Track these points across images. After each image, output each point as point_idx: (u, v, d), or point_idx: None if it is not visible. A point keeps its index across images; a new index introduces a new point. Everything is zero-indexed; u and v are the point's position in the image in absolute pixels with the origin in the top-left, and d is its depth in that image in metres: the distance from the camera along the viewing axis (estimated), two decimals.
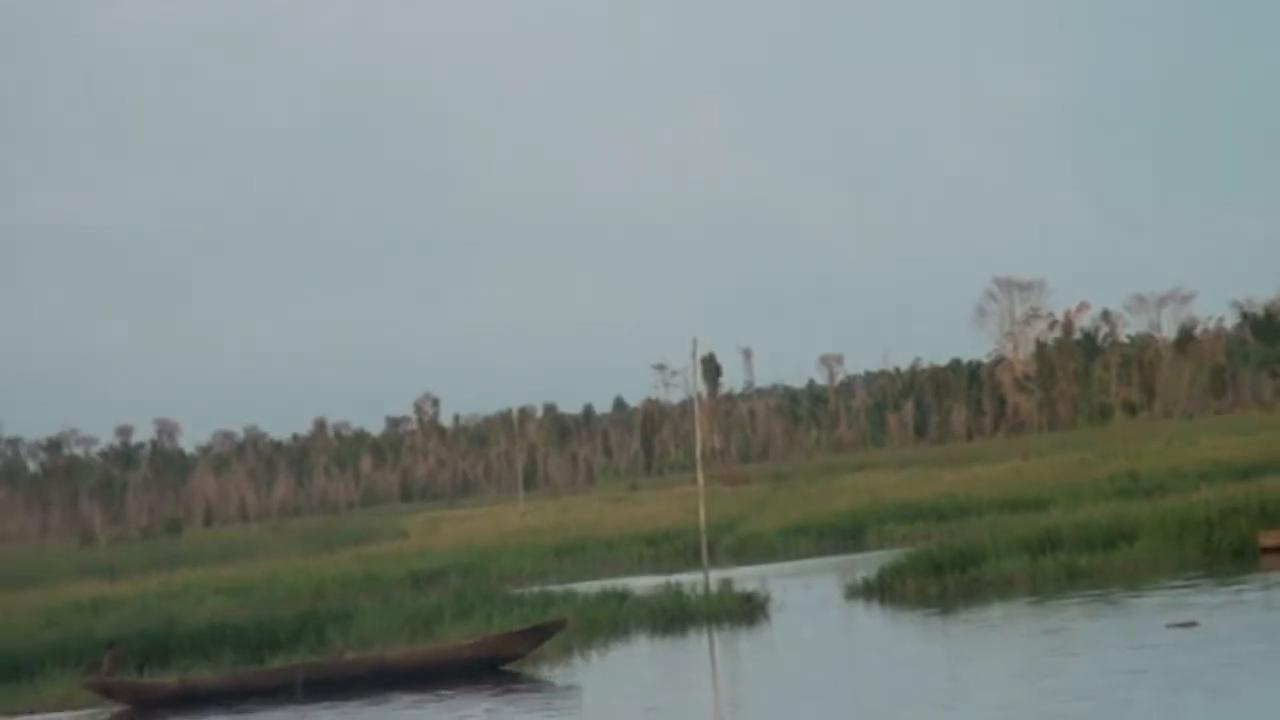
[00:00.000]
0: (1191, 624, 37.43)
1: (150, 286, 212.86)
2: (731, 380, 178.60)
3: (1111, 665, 34.71)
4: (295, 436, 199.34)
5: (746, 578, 55.28)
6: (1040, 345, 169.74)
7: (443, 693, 39.44)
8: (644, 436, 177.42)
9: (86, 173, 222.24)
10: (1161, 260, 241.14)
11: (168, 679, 43.88)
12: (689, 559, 57.76)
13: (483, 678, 41.19)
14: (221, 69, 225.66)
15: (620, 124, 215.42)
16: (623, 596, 52.57)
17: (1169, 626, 37.34)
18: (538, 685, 40.42)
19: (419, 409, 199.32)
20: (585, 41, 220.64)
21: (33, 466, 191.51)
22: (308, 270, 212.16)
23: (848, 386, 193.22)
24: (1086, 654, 36.97)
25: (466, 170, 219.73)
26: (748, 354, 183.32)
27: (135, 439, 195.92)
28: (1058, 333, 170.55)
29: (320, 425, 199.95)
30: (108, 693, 43.06)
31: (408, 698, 39.28)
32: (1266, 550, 50.45)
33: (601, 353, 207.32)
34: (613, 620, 48.79)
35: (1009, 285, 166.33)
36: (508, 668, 42.42)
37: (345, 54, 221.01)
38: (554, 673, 41.88)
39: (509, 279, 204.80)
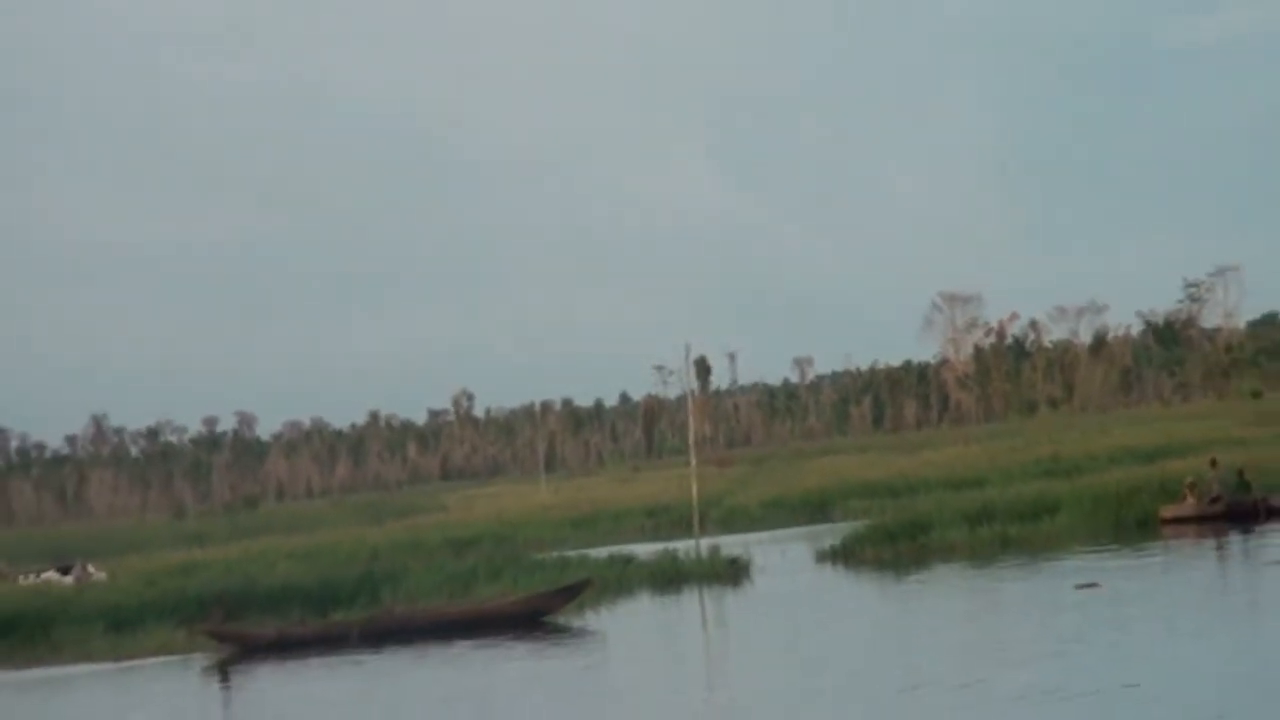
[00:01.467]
0: (1094, 585, 37.71)
1: (233, 301, 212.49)
2: (719, 379, 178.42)
3: (1026, 617, 35.17)
4: (353, 426, 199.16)
5: (732, 545, 55.25)
6: (978, 349, 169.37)
7: (495, 639, 39.83)
8: (645, 426, 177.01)
9: (185, 205, 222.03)
10: (1079, 277, 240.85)
11: (267, 628, 43.94)
12: (683, 529, 57.84)
13: (526, 627, 41.60)
14: (292, 123, 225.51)
15: (625, 164, 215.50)
16: (628, 561, 52.63)
17: (1076, 587, 37.64)
18: (571, 632, 40.78)
19: (456, 403, 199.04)
20: (599, 96, 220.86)
21: (135, 452, 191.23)
22: (364, 288, 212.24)
23: (816, 384, 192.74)
24: (1008, 608, 37.43)
25: (496, 205, 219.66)
26: (732, 357, 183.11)
27: (219, 428, 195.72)
28: (992, 339, 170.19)
29: (374, 416, 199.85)
30: (221, 638, 43.13)
31: (469, 642, 39.59)
32: (1166, 522, 50.67)
33: (609, 355, 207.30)
34: (619, 580, 48.92)
35: (951, 299, 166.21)
36: (546, 620, 42.70)
37: (389, 109, 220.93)
38: (578, 623, 42.17)
39: (533, 294, 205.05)
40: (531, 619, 42.61)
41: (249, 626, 43.97)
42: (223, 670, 40.07)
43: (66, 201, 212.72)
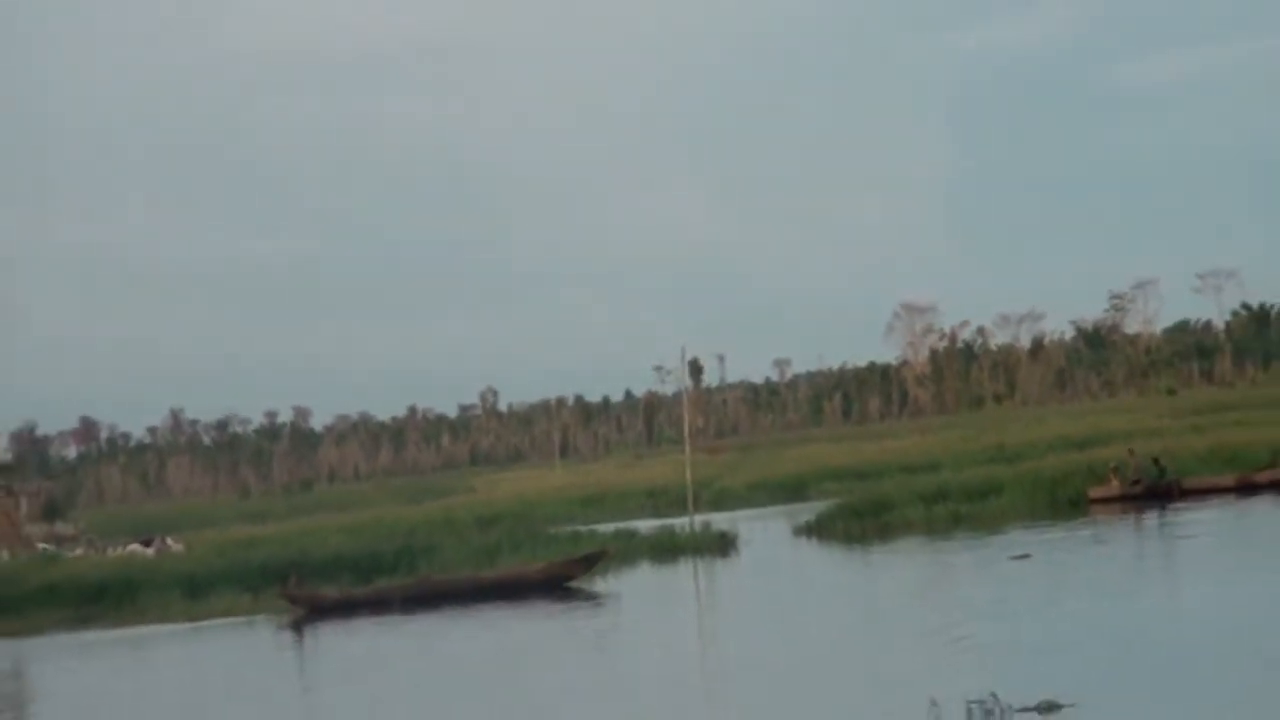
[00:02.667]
0: (1026, 556, 37.85)
1: (291, 309, 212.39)
2: (710, 377, 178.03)
3: (969, 582, 35.40)
4: (394, 418, 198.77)
5: (721, 521, 55.12)
6: (933, 352, 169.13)
7: (525, 602, 39.93)
8: (646, 419, 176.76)
9: (250, 227, 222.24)
10: (1020, 290, 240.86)
11: (332, 591, 43.91)
12: (679, 507, 57.82)
13: (551, 591, 41.65)
14: (342, 154, 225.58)
15: (628, 192, 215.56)
16: (632, 535, 52.61)
17: (1010, 558, 37.78)
18: (590, 596, 40.83)
19: (483, 399, 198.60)
20: (606, 135, 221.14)
21: (206, 441, 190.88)
22: (403, 298, 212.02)
23: (794, 383, 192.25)
24: (955, 574, 37.63)
25: (518, 226, 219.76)
26: (721, 358, 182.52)
27: (279, 420, 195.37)
28: (945, 343, 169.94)
29: (412, 410, 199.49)
30: (294, 600, 43.05)
31: (503, 604, 39.72)
32: (1093, 501, 50.67)
33: (615, 357, 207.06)
34: (624, 552, 48.92)
35: (910, 308, 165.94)
36: (568, 585, 42.69)
37: (425, 141, 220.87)
38: (596, 588, 42.22)
39: (549, 304, 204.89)
40: (556, 584, 42.59)
41: (317, 590, 43.89)
42: (296, 627, 40.22)
43: (148, 226, 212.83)
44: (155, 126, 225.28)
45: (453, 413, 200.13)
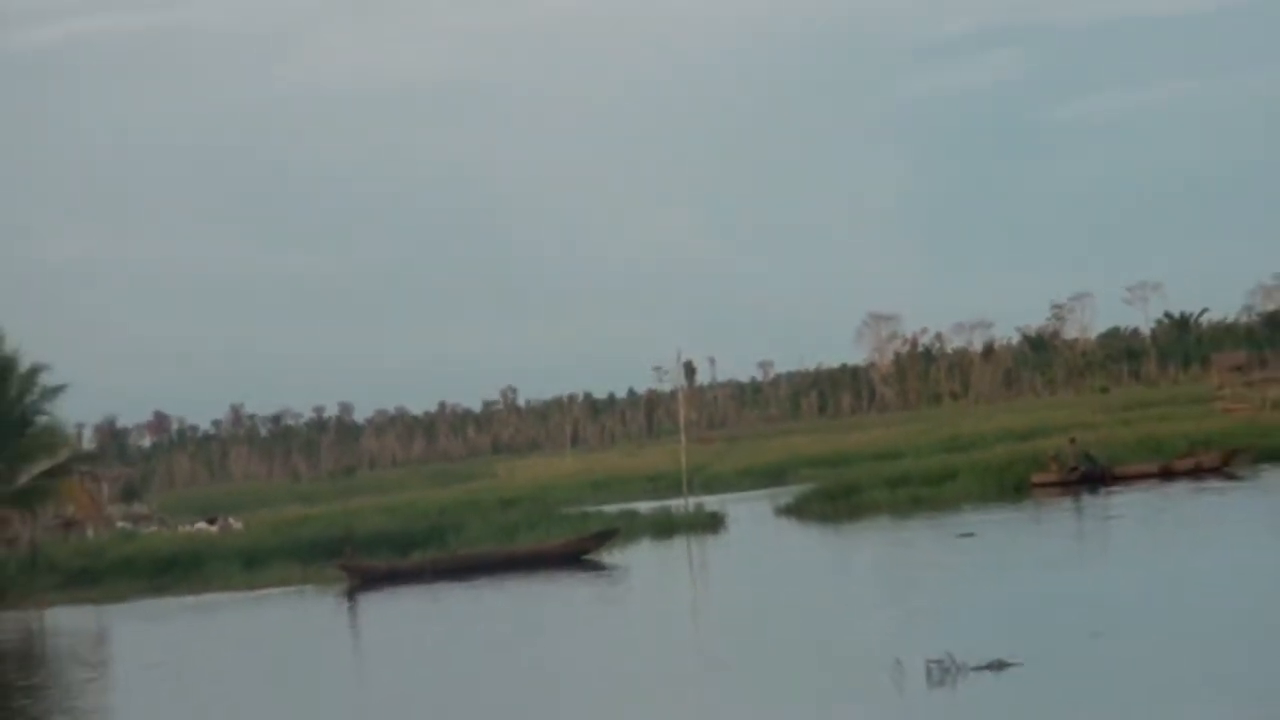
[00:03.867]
0: (971, 534, 37.82)
1: (335, 316, 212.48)
2: (702, 376, 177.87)
3: (921, 556, 35.46)
4: (426, 412, 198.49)
5: (712, 503, 55.12)
6: (896, 355, 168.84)
7: (545, 573, 39.84)
8: (646, 413, 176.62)
9: (300, 242, 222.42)
10: (972, 300, 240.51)
11: (380, 563, 43.54)
12: (675, 491, 57.82)
13: (568, 564, 41.51)
14: (382, 185, 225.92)
15: (628, 213, 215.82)
16: (634, 514, 52.31)
17: (958, 536, 37.79)
18: (602, 567, 40.80)
19: (504, 395, 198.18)
20: (609, 164, 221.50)
21: (263, 432, 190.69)
22: (434, 306, 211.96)
23: (775, 381, 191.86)
24: (909, 548, 37.67)
25: (537, 243, 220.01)
26: (712, 360, 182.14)
27: (326, 414, 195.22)
28: (907, 347, 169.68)
29: (442, 405, 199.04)
30: (348, 570, 42.59)
31: (526, 575, 39.62)
32: (1036, 486, 50.39)
33: (619, 359, 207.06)
34: (628, 530, 48.76)
35: (877, 317, 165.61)
36: (583, 558, 42.52)
37: (456, 172, 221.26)
38: (606, 561, 42.12)
39: (560, 314, 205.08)
40: (573, 557, 42.38)
41: (367, 562, 43.50)
42: (350, 594, 40.07)
43: (211, 244, 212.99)
44: (219, 157, 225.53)
45: (477, 407, 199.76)
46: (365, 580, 41.81)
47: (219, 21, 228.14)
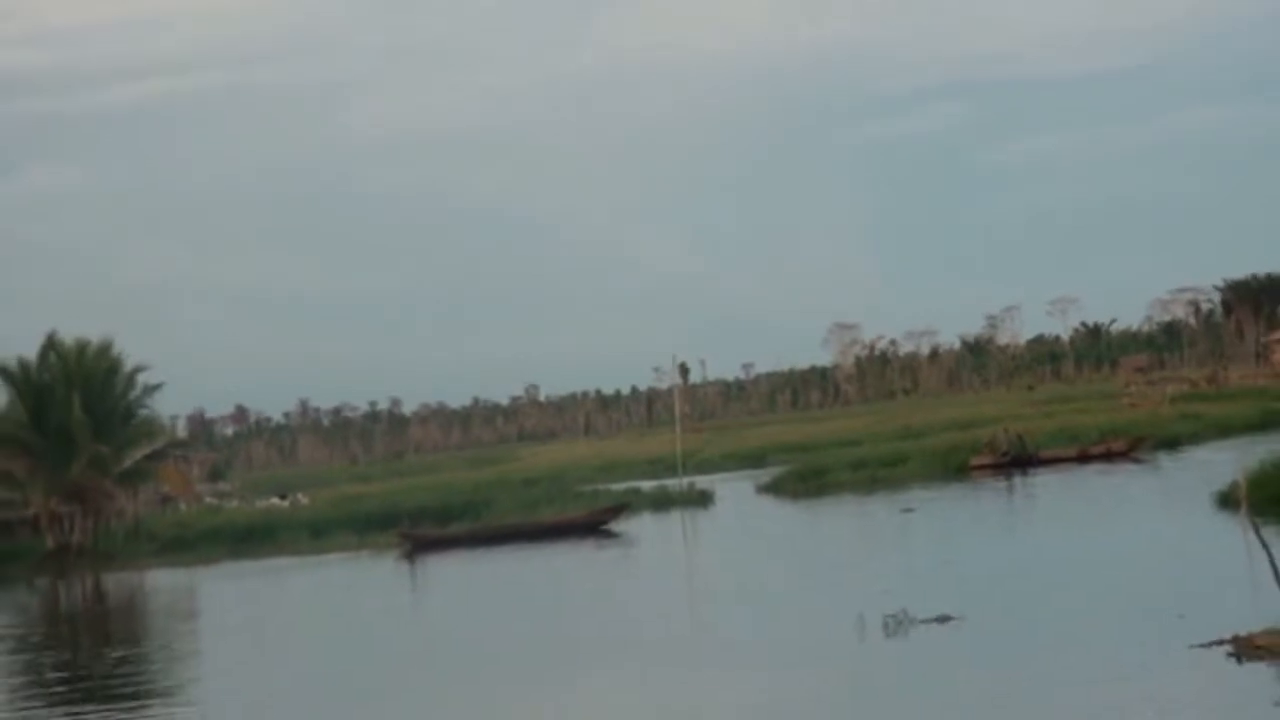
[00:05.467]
0: (911, 510, 37.82)
1: (386, 323, 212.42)
2: (694, 375, 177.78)
3: (877, 527, 35.51)
4: (462, 406, 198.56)
5: (702, 482, 55.19)
6: (857, 358, 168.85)
7: (569, 540, 39.79)
8: (647, 406, 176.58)
9: (357, 265, 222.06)
10: (921, 311, 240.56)
11: (433, 531, 43.22)
12: (671, 472, 57.86)
13: (587, 533, 41.35)
14: (417, 215, 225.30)
15: (629, 232, 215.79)
16: (637, 491, 52.32)
17: (901, 511, 37.78)
18: (617, 536, 40.68)
19: (527, 391, 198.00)
20: (613, 192, 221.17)
21: (325, 423, 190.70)
22: (467, 315, 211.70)
23: (756, 380, 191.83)
24: (867, 520, 37.70)
25: (553, 261, 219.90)
26: (703, 362, 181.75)
27: (379, 407, 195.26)
28: (867, 351, 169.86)
29: (475, 400, 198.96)
30: (408, 537, 42.07)
31: (551, 543, 39.49)
32: (974, 468, 50.10)
33: (623, 360, 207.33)
34: (633, 504, 48.69)
35: (840, 326, 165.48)
36: (601, 528, 42.36)
37: (487, 201, 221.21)
38: (618, 530, 41.98)
39: (575, 322, 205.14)
40: (591, 527, 42.18)
41: (423, 530, 43.16)
42: (410, 557, 39.76)
43: (280, 264, 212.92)
44: (290, 193, 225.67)
45: (505, 402, 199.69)
46: (420, 545, 41.56)
47: (291, 79, 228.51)
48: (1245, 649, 15.10)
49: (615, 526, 42.62)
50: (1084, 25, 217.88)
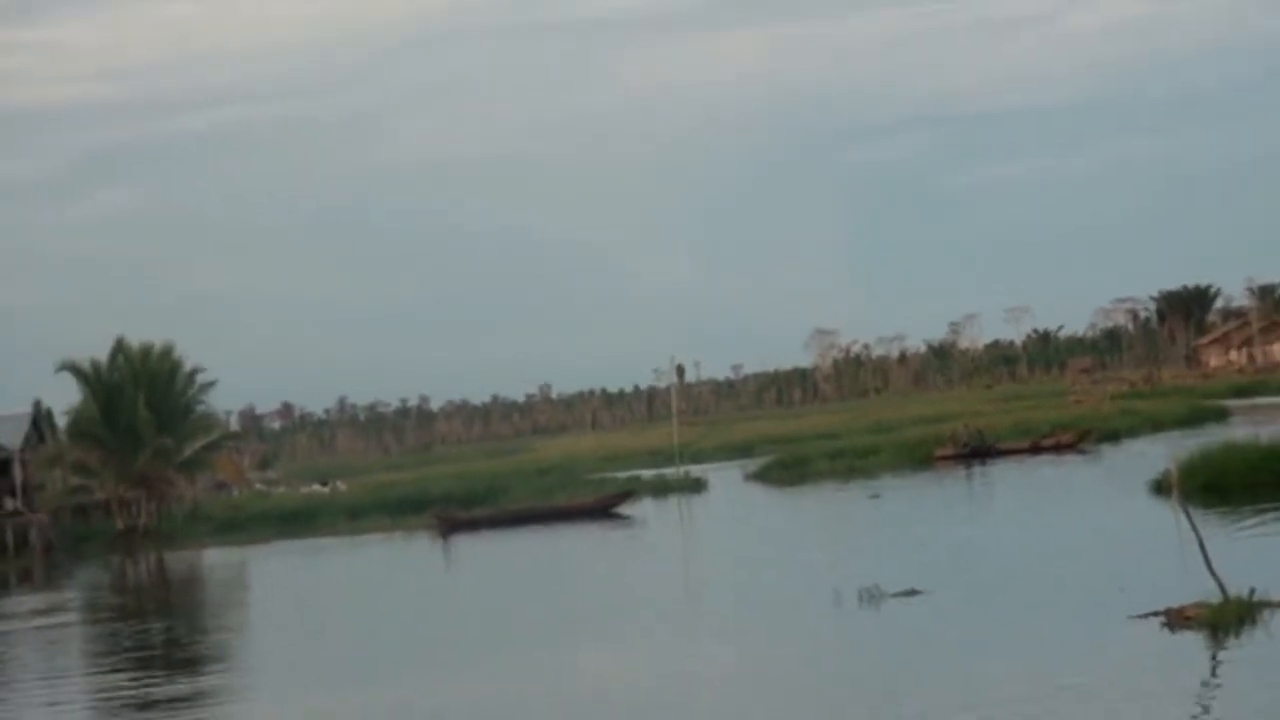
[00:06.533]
0: (878, 496, 37.82)
1: (416, 330, 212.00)
2: (690, 376, 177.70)
3: (842, 510, 35.56)
4: (483, 403, 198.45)
5: (696, 471, 55.19)
6: (835, 361, 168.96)
7: (581, 522, 39.78)
8: (648, 403, 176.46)
9: (385, 278, 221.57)
10: (892, 318, 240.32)
11: (463, 513, 42.90)
12: (669, 462, 57.87)
13: (598, 516, 41.23)
14: (455, 223, 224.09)
15: (629, 250, 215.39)
16: (638, 479, 52.00)
17: (869, 497, 37.81)
18: (625, 518, 40.64)
19: (540, 390, 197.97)
20: (614, 213, 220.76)
21: (361, 418, 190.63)
22: (491, 320, 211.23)
23: (745, 380, 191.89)
24: (836, 505, 37.69)
25: (565, 275, 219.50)
26: (697, 363, 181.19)
27: (409, 404, 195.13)
28: (843, 354, 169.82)
29: (495, 398, 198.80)
30: (441, 519, 41.71)
31: (567, 524, 39.46)
32: (938, 458, 49.62)
33: (627, 361, 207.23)
34: (636, 492, 48.42)
35: (820, 332, 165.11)
36: (611, 511, 42.28)
37: (508, 221, 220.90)
38: (625, 513, 41.98)
39: (583, 327, 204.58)
40: (604, 511, 42.00)
41: (454, 513, 42.89)
42: (444, 536, 39.63)
43: (320, 279, 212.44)
44: (329, 212, 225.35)
45: (521, 399, 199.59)
46: (452, 526, 41.40)
47: (326, 112, 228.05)
48: (1176, 619, 15.24)
49: (623, 510, 42.56)
50: (1034, 65, 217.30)
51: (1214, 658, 14.03)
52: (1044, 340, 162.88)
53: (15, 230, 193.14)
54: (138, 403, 52.92)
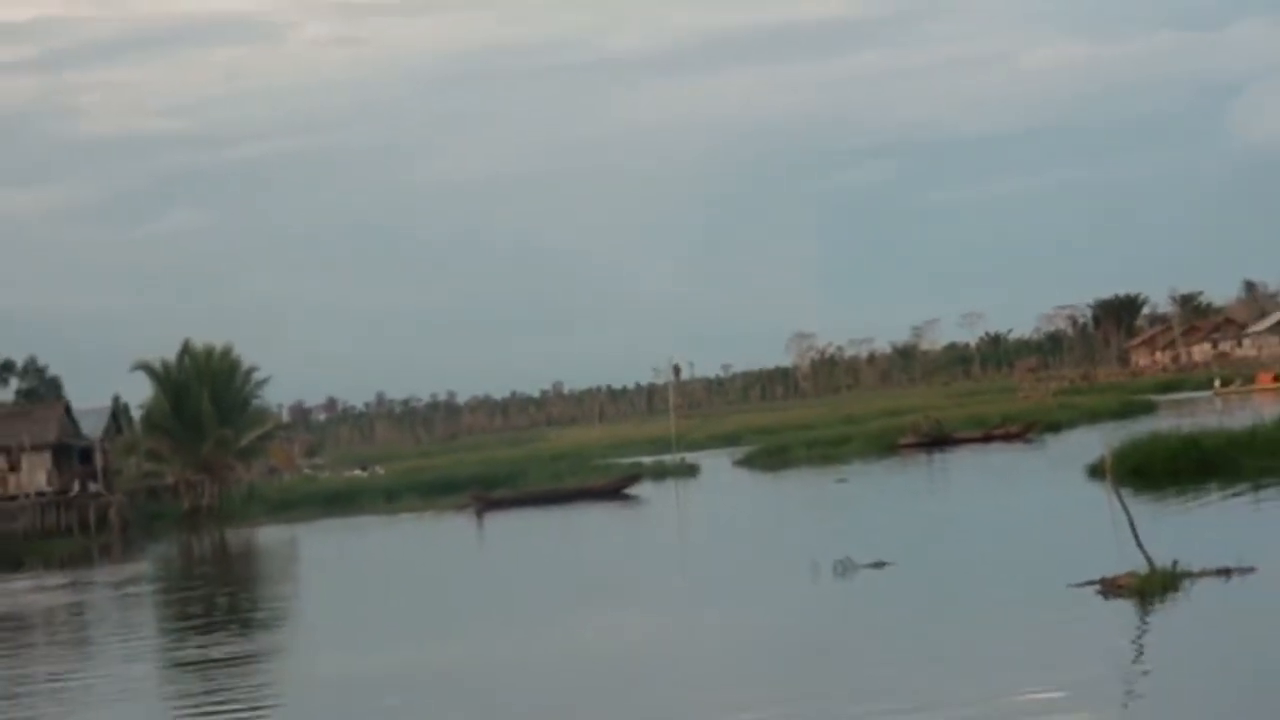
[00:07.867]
0: (844, 480, 37.75)
1: (445, 332, 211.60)
2: (685, 374, 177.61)
3: (814, 491, 35.53)
4: (503, 397, 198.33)
5: (691, 458, 55.08)
6: (812, 361, 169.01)
7: (594, 502, 39.69)
8: (648, 398, 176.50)
9: (425, 276, 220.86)
10: (862, 322, 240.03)
11: (494, 494, 42.44)
12: (666, 449, 57.86)
13: (609, 496, 41.15)
14: (479, 237, 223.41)
15: (629, 259, 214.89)
16: (640, 464, 51.75)
17: (835, 481, 37.77)
18: (633, 499, 40.59)
19: (554, 386, 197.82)
20: (617, 222, 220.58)
21: (397, 411, 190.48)
22: (511, 323, 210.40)
23: (733, 378, 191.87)
24: (821, 489, 37.62)
25: (571, 281, 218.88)
26: (691, 363, 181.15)
27: (438, 398, 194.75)
28: (819, 355, 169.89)
29: (513, 393, 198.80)
30: (476, 499, 41.17)
31: (581, 503, 39.41)
32: (902, 447, 49.29)
33: (629, 362, 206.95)
34: (638, 474, 48.32)
35: (799, 335, 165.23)
36: (621, 492, 42.17)
37: (522, 236, 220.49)
38: (633, 494, 41.94)
39: (592, 330, 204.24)
40: (615, 492, 41.85)
41: (488, 494, 42.45)
42: (479, 515, 39.45)
43: (360, 285, 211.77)
44: (368, 228, 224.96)
45: (536, 394, 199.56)
46: (486, 505, 41.19)
47: (368, 139, 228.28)
48: (1110, 588, 15.34)
49: (632, 491, 42.56)
50: (988, 96, 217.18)
51: (1142, 620, 14.15)
52: (995, 343, 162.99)
53: (94, 246, 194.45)
54: (202, 398, 53.13)
